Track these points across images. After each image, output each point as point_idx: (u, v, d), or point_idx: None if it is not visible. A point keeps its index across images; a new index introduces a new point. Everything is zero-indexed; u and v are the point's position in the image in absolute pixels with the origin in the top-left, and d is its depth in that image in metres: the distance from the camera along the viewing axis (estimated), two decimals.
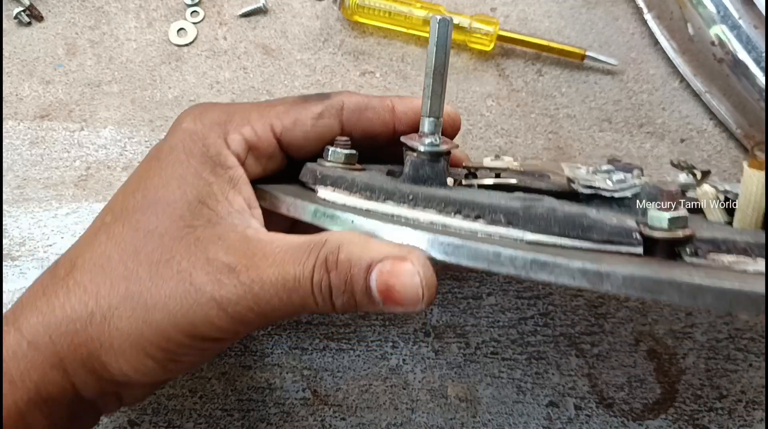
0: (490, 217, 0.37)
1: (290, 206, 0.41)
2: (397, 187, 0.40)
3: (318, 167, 0.44)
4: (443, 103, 0.43)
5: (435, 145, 0.42)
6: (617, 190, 0.40)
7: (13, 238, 0.60)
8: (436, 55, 0.42)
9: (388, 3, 0.65)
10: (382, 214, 0.40)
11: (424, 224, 0.38)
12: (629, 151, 0.64)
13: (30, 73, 0.65)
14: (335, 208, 0.39)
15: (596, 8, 0.68)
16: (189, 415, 0.56)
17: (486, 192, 0.41)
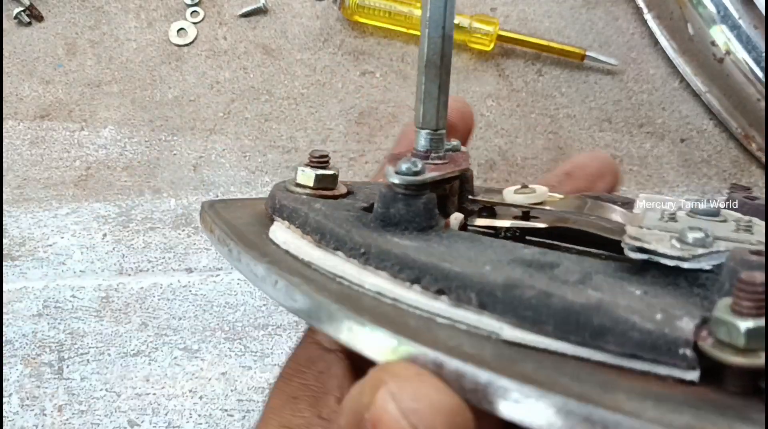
0: (457, 293, 0.26)
1: (232, 251, 0.32)
2: (350, 233, 0.30)
3: (278, 192, 0.35)
4: (444, 108, 0.33)
5: (411, 172, 0.30)
6: (686, 257, 0.26)
7: (13, 238, 0.60)
8: (430, 38, 0.32)
9: (388, 3, 0.65)
10: (324, 274, 0.30)
11: (367, 296, 0.28)
12: (629, 151, 0.64)
13: (30, 73, 0.65)
14: (264, 267, 0.30)
15: (596, 8, 0.68)
16: (189, 415, 0.56)
17: (482, 244, 0.30)
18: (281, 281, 0.29)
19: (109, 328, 0.58)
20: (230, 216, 0.35)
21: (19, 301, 0.58)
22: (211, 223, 0.34)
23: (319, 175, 0.35)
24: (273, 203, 0.34)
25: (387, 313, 0.27)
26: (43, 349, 0.57)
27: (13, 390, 0.56)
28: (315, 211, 0.32)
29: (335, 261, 0.30)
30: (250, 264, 0.30)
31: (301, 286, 0.28)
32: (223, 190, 0.62)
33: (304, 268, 0.30)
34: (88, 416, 0.56)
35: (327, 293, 0.27)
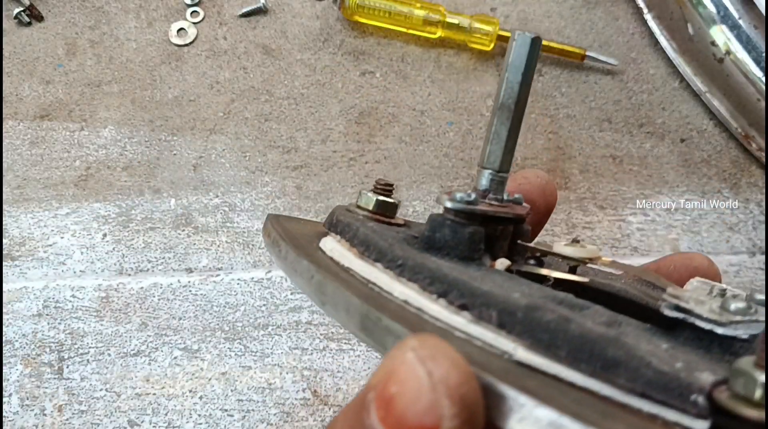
0: (480, 310, 0.26)
1: (282, 251, 0.33)
2: (392, 248, 0.30)
3: (339, 211, 0.36)
4: (511, 152, 0.33)
5: (464, 201, 0.31)
6: (722, 322, 0.25)
7: (13, 237, 0.60)
8: (508, 82, 0.32)
9: (388, 3, 0.65)
10: (359, 279, 0.30)
11: (393, 302, 0.28)
12: (629, 151, 0.64)
13: (30, 73, 0.65)
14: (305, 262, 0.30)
15: (596, 8, 0.68)
16: (189, 415, 0.56)
17: (519, 282, 0.30)
18: (317, 276, 0.29)
19: (109, 328, 0.58)
20: (290, 226, 0.36)
21: (19, 301, 0.58)
22: (270, 228, 0.35)
23: (380, 201, 0.36)
24: (331, 219, 0.35)
25: (407, 318, 0.27)
26: (43, 349, 0.57)
27: (13, 390, 0.56)
28: (367, 227, 0.33)
29: (372, 270, 0.30)
30: (294, 261, 0.31)
31: (334, 282, 0.28)
32: (223, 190, 0.62)
33: (342, 272, 0.31)
34: (88, 416, 0.56)
35: (355, 291, 0.28)
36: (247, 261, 0.60)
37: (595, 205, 0.63)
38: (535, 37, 0.31)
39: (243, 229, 0.61)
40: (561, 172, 0.63)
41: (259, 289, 0.59)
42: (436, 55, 0.67)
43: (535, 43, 0.31)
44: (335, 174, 0.63)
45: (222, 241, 0.61)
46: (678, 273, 0.39)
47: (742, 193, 0.63)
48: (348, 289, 0.27)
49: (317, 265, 0.30)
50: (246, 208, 0.62)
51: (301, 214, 0.62)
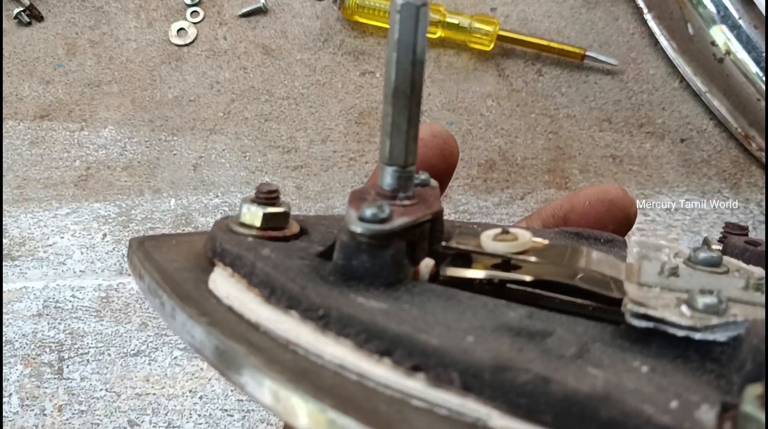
0: (436, 371, 0.22)
1: (165, 306, 0.27)
2: (306, 290, 0.25)
3: (220, 233, 0.30)
4: (414, 142, 0.28)
5: (378, 219, 0.26)
6: (698, 327, 0.23)
7: (13, 238, 0.60)
8: (399, 63, 0.26)
9: (388, 3, 0.65)
10: (273, 338, 0.25)
11: (327, 371, 0.23)
12: (629, 151, 0.64)
13: (30, 73, 0.65)
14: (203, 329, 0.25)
15: (596, 8, 0.68)
16: (189, 415, 0.56)
17: (460, 304, 0.26)
18: (224, 347, 0.24)
19: (109, 328, 0.58)
20: (163, 258, 0.30)
21: (19, 301, 0.58)
22: (140, 267, 0.29)
23: (268, 214, 0.30)
24: (213, 246, 0.29)
25: (353, 395, 0.22)
26: (43, 349, 0.57)
27: (13, 390, 0.56)
28: (263, 259, 0.27)
29: (288, 323, 0.25)
30: (187, 324, 0.25)
31: (249, 357, 0.23)
32: (223, 190, 0.62)
33: (251, 332, 0.25)
34: (88, 416, 0.56)
35: (280, 367, 0.23)
36: None
37: None
38: (421, 5, 0.25)
39: None
40: (561, 172, 0.63)
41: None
42: (436, 55, 0.67)
43: (422, 12, 0.26)
44: (335, 174, 0.63)
45: None
46: (594, 208, 0.37)
47: (742, 193, 0.63)
48: (269, 367, 0.22)
49: (219, 331, 0.24)
50: None
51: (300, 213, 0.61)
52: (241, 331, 0.25)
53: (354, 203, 0.27)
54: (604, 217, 0.39)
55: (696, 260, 0.28)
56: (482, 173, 0.63)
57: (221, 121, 0.64)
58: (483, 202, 0.62)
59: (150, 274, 0.28)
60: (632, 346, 0.24)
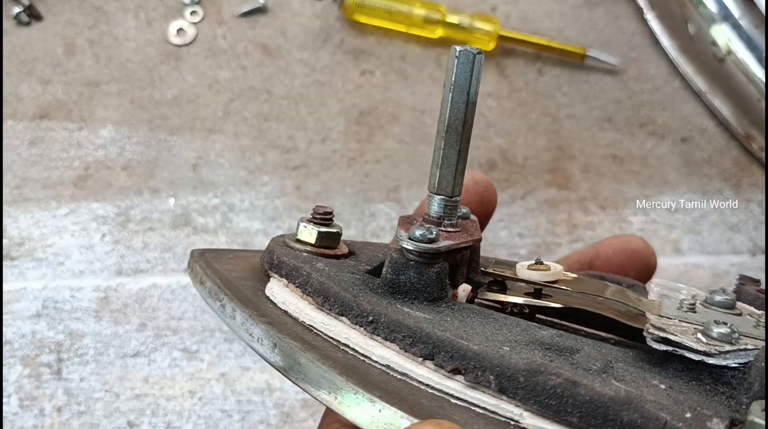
0: (475, 374, 0.25)
1: (226, 308, 0.30)
2: (357, 298, 0.28)
3: (277, 248, 0.33)
4: (461, 175, 0.31)
5: (426, 239, 0.28)
6: (712, 353, 0.25)
7: (12, 238, 0.60)
8: (453, 103, 0.29)
9: (388, 2, 0.65)
10: (326, 339, 0.28)
11: (375, 368, 0.26)
12: (630, 151, 0.64)
13: (29, 72, 0.65)
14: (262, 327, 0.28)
15: (597, 8, 0.68)
16: (188, 416, 0.56)
17: (496, 321, 0.29)
18: (282, 345, 0.27)
19: (108, 329, 0.58)
20: (222, 268, 0.33)
21: (18, 301, 0.58)
22: (201, 274, 0.32)
23: (322, 233, 0.33)
24: (271, 258, 0.32)
25: (398, 390, 0.25)
26: (42, 349, 0.57)
27: (12, 390, 0.56)
28: (318, 271, 0.30)
29: (340, 327, 0.28)
30: (246, 323, 0.28)
31: (304, 352, 0.26)
32: (222, 190, 0.62)
33: (306, 333, 0.28)
34: (87, 417, 0.55)
35: (332, 362, 0.25)
36: None
37: (596, 205, 0.62)
38: (478, 52, 0.29)
39: (242, 230, 0.61)
40: (562, 172, 0.63)
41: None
42: (436, 55, 0.66)
43: (478, 60, 0.29)
44: (335, 174, 0.63)
45: (221, 242, 0.61)
46: (617, 256, 0.40)
47: (743, 193, 0.63)
48: (323, 362, 0.25)
49: (277, 330, 0.27)
50: (245, 208, 0.62)
51: (300, 213, 0.61)
52: (296, 331, 0.28)
53: (404, 226, 0.30)
54: (626, 265, 0.42)
55: (712, 302, 0.31)
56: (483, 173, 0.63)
57: (220, 120, 0.64)
58: None
59: (212, 280, 0.31)
60: (652, 368, 0.26)
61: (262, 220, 0.61)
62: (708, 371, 0.26)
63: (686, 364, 0.26)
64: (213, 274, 0.32)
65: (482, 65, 0.29)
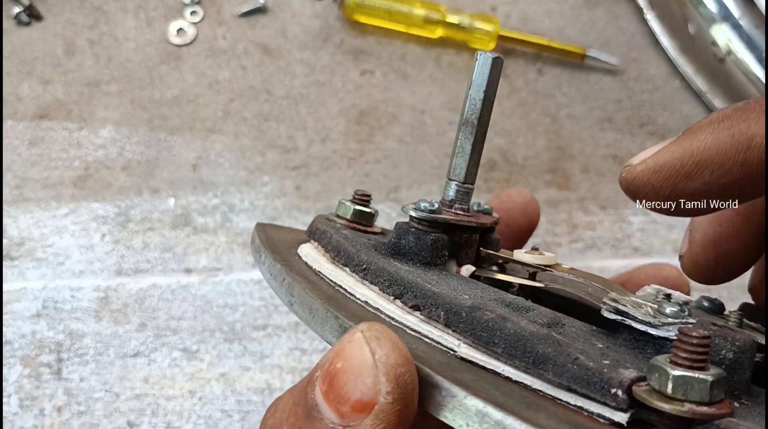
0: (429, 310, 0.28)
1: (261, 256, 0.35)
2: (359, 253, 0.33)
3: (319, 220, 0.38)
4: (476, 165, 0.35)
5: (428, 210, 0.33)
6: (655, 324, 0.27)
7: (12, 238, 0.60)
8: (471, 99, 0.34)
9: (388, 2, 0.65)
10: (327, 281, 0.33)
11: (355, 303, 0.31)
12: (630, 150, 0.64)
13: (29, 72, 0.65)
14: (279, 266, 0.33)
15: (597, 8, 0.68)
16: (188, 416, 0.56)
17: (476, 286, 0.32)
18: (287, 278, 0.32)
19: (108, 329, 0.58)
20: (274, 235, 0.38)
21: (18, 301, 0.58)
22: (255, 236, 0.37)
23: (357, 210, 0.38)
24: (310, 228, 0.37)
25: (363, 315, 0.29)
26: (42, 349, 0.57)
27: (12, 390, 0.56)
28: (340, 234, 0.35)
29: (340, 273, 0.32)
30: (270, 265, 0.34)
31: (301, 284, 0.31)
32: (222, 190, 0.62)
33: (312, 275, 0.33)
34: (87, 417, 0.55)
35: (320, 293, 0.30)
36: (246, 261, 0.60)
37: (596, 205, 0.62)
38: (496, 57, 0.32)
39: (242, 229, 0.61)
40: (562, 172, 0.63)
41: (259, 290, 0.59)
42: (436, 55, 0.66)
43: (496, 63, 0.33)
44: (335, 174, 0.63)
45: (221, 242, 0.61)
46: (649, 282, 0.40)
47: None
48: (312, 292, 0.30)
49: (289, 269, 0.33)
50: (245, 208, 0.62)
51: (300, 213, 0.61)
52: (305, 273, 0.33)
53: (414, 203, 0.34)
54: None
55: (699, 304, 0.32)
56: (483, 173, 0.63)
57: (220, 120, 0.64)
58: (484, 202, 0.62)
59: (260, 239, 0.36)
60: (602, 334, 0.28)
61: (262, 220, 0.61)
62: (653, 343, 0.27)
63: (634, 335, 0.27)
64: (263, 235, 0.37)
65: (501, 69, 0.33)
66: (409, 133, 0.64)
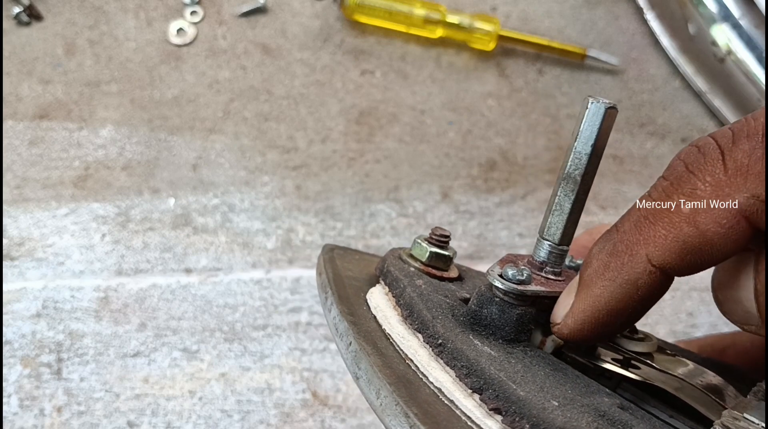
0: (513, 418, 0.25)
1: (327, 301, 0.32)
2: (435, 320, 0.29)
3: (390, 257, 0.35)
4: (574, 225, 0.31)
5: (515, 280, 0.29)
6: None
7: (12, 238, 0.60)
8: (576, 152, 0.30)
9: (389, 2, 0.65)
10: (397, 351, 0.30)
11: (428, 388, 0.28)
12: (630, 151, 0.64)
13: (29, 72, 0.65)
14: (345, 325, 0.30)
15: (597, 8, 0.68)
16: (188, 416, 0.56)
17: (565, 376, 0.29)
18: (354, 345, 0.28)
19: (108, 329, 0.58)
20: (342, 265, 0.35)
21: (18, 301, 0.58)
22: (322, 267, 0.34)
23: (433, 253, 0.34)
24: (382, 266, 0.34)
25: (437, 413, 0.26)
26: (42, 349, 0.57)
27: (12, 390, 0.56)
28: (414, 286, 0.31)
29: (413, 342, 0.29)
30: (336, 317, 0.30)
31: (370, 357, 0.28)
32: (222, 190, 0.62)
33: (381, 339, 0.30)
34: (87, 417, 0.55)
35: (390, 373, 0.27)
36: (247, 261, 0.60)
37: (596, 205, 0.62)
38: (610, 107, 0.29)
39: (242, 230, 0.61)
40: None
41: (259, 290, 0.59)
42: (436, 55, 0.66)
43: (610, 115, 0.29)
44: (335, 174, 0.63)
45: (221, 242, 0.61)
46: (756, 350, 0.38)
47: None
48: (382, 372, 0.27)
49: (357, 329, 0.29)
50: (245, 208, 0.62)
51: (300, 214, 0.61)
52: (374, 336, 0.30)
53: (503, 262, 0.30)
54: (761, 361, 0.39)
55: None
56: (483, 173, 0.63)
57: (220, 120, 0.64)
58: (484, 202, 0.62)
59: (326, 274, 0.33)
60: None
61: (262, 220, 0.61)
62: None
63: None
64: (330, 268, 0.34)
65: (614, 120, 0.29)
66: (409, 133, 0.64)
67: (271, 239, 0.61)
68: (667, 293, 0.28)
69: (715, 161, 0.27)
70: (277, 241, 0.61)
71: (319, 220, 0.61)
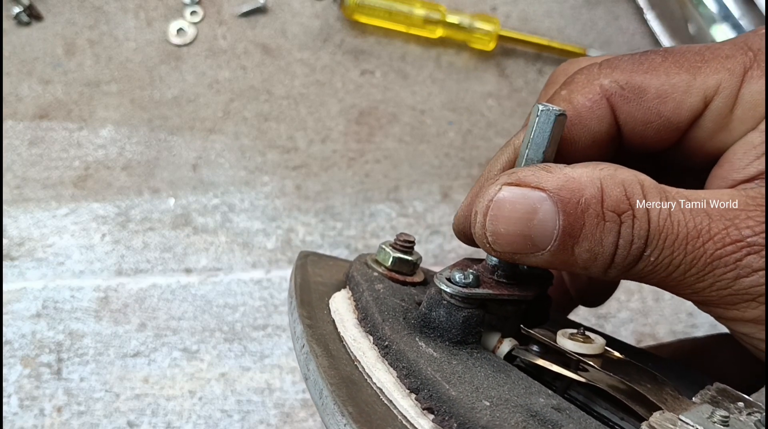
0: (443, 417, 0.26)
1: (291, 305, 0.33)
2: (384, 322, 0.30)
3: (356, 263, 0.35)
4: None
5: (462, 283, 0.29)
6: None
7: (12, 238, 0.60)
8: (528, 160, 0.30)
9: (389, 2, 0.65)
10: (347, 353, 0.30)
11: (370, 389, 0.28)
12: None
13: (29, 72, 0.65)
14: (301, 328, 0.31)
15: (597, 7, 0.68)
16: (188, 416, 0.56)
17: (507, 377, 0.29)
18: (306, 347, 0.29)
19: (108, 329, 0.58)
20: (314, 272, 0.36)
21: (18, 301, 0.58)
22: (294, 272, 0.35)
23: (396, 258, 0.34)
24: (349, 271, 0.35)
25: (371, 413, 0.27)
26: (42, 349, 0.57)
27: (12, 390, 0.56)
28: (372, 291, 0.32)
29: (363, 344, 0.30)
30: (296, 321, 0.31)
31: (317, 359, 0.28)
32: (222, 190, 0.62)
33: (335, 342, 0.30)
34: (87, 417, 0.55)
35: (334, 375, 0.28)
36: (247, 261, 0.60)
37: None
38: (560, 114, 0.29)
39: (242, 230, 0.61)
40: None
41: (259, 290, 0.59)
42: (436, 55, 0.66)
43: (559, 121, 0.29)
44: (335, 174, 0.63)
45: (221, 242, 0.61)
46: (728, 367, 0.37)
47: None
48: (326, 373, 0.28)
49: (312, 332, 0.30)
50: (245, 208, 0.62)
51: (300, 214, 0.61)
52: (327, 339, 0.30)
53: (454, 266, 0.31)
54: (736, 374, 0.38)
55: (762, 422, 0.28)
56: None
57: (220, 120, 0.64)
58: None
59: (294, 280, 0.34)
60: None
61: (262, 220, 0.61)
62: None
63: None
64: (300, 274, 0.35)
65: (563, 127, 0.29)
66: (409, 133, 0.64)
67: (271, 239, 0.61)
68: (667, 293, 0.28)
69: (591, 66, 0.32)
70: (277, 241, 0.61)
71: (319, 220, 0.61)
